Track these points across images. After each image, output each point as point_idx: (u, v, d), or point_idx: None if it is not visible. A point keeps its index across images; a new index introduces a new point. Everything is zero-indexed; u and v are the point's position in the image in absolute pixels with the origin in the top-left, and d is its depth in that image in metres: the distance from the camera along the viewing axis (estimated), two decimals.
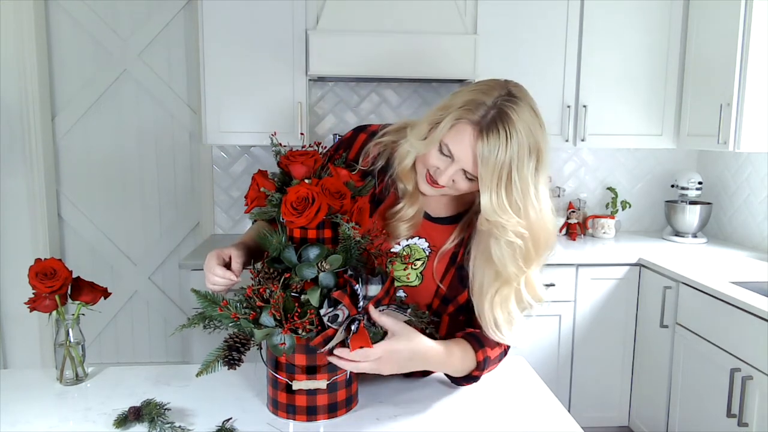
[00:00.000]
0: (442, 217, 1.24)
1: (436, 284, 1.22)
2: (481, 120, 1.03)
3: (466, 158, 1.06)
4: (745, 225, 2.93)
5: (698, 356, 2.30)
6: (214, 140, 2.78)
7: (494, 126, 1.02)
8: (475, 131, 1.03)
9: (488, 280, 1.14)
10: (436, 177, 1.11)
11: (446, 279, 1.22)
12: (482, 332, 1.19)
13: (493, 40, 2.78)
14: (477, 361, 1.17)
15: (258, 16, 2.68)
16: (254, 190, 1.11)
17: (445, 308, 1.24)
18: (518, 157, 1.02)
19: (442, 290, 1.23)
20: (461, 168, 1.08)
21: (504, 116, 1.03)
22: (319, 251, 1.04)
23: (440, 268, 1.23)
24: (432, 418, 1.14)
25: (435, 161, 1.10)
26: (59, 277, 1.18)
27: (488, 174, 1.03)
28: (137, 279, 3.22)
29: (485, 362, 1.18)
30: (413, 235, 1.22)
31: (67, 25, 3.00)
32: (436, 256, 1.22)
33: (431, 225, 1.23)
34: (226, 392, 1.21)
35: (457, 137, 1.06)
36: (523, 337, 1.18)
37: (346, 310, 1.01)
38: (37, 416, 1.12)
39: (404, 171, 1.16)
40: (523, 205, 1.06)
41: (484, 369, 1.19)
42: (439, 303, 1.24)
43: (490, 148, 1.02)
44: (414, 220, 1.20)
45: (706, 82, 2.74)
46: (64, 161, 3.10)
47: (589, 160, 3.27)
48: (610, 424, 2.81)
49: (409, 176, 1.17)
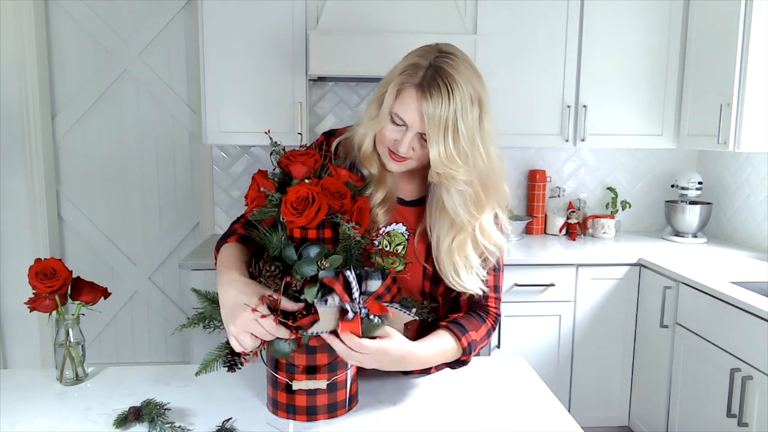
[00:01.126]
0: (414, 200, 1.28)
1: (422, 265, 1.26)
2: (422, 81, 1.09)
3: (415, 120, 1.10)
4: (745, 225, 2.93)
5: (698, 356, 2.30)
6: (214, 140, 2.78)
7: (435, 83, 1.08)
8: (418, 92, 1.09)
9: (444, 231, 1.19)
10: (396, 149, 1.15)
11: (430, 259, 1.25)
12: (465, 316, 1.24)
13: (493, 40, 2.78)
14: (461, 347, 1.20)
15: (258, 16, 2.68)
16: (254, 190, 1.11)
17: (437, 289, 1.26)
18: (461, 108, 1.08)
19: (429, 270, 1.25)
20: (416, 133, 1.12)
21: (442, 72, 1.08)
22: (319, 249, 1.04)
23: (422, 249, 1.26)
24: (432, 417, 1.14)
25: (391, 134, 1.15)
26: (59, 277, 1.18)
27: (435, 128, 1.08)
28: (137, 279, 3.22)
29: (470, 347, 1.21)
30: (390, 221, 1.25)
31: (67, 25, 3.00)
32: (415, 237, 1.26)
33: (405, 209, 1.27)
34: (226, 392, 1.21)
35: (403, 103, 1.11)
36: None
37: (337, 297, 1.00)
38: (37, 416, 1.12)
39: (366, 155, 1.21)
40: (470, 154, 1.11)
41: (471, 353, 1.22)
42: (430, 285, 1.26)
43: (434, 104, 1.07)
44: (387, 204, 1.22)
45: (706, 82, 2.74)
46: (64, 161, 3.10)
47: (589, 160, 3.27)
48: (610, 424, 2.81)
49: (371, 159, 1.21)
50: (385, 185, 1.22)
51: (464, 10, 2.77)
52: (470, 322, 1.23)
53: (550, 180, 3.23)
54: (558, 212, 3.20)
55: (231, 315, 1.02)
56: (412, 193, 1.28)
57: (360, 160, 1.22)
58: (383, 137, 1.16)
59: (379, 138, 1.18)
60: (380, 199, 1.21)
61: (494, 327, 1.28)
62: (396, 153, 1.15)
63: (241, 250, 1.17)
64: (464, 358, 1.22)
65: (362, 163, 1.22)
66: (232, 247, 1.18)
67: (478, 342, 1.23)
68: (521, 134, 2.89)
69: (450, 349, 1.18)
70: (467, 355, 1.21)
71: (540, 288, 2.67)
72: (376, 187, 1.21)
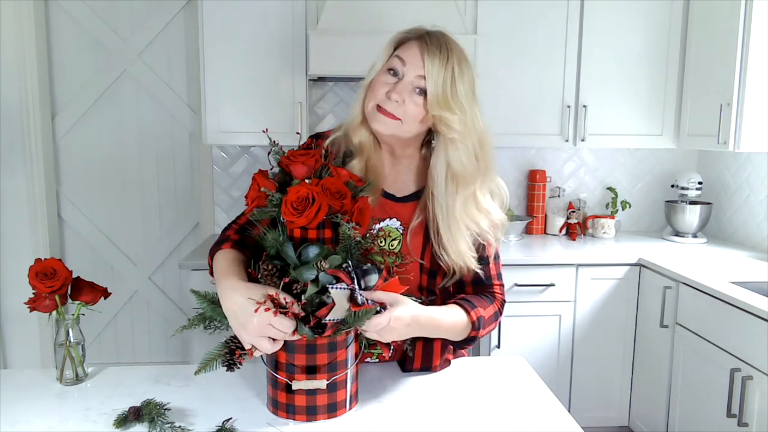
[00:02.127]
0: (406, 196, 1.29)
1: (417, 261, 1.27)
2: (422, 36, 1.18)
3: (416, 62, 1.16)
4: (745, 225, 2.93)
5: (698, 356, 2.30)
6: (214, 140, 2.78)
7: (434, 39, 1.17)
8: (419, 42, 1.17)
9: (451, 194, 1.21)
10: (388, 98, 1.16)
11: (426, 253, 1.26)
12: (473, 295, 1.27)
13: (493, 40, 2.78)
14: (471, 321, 1.21)
15: (258, 16, 2.69)
16: (255, 190, 1.11)
17: (434, 282, 1.27)
18: (458, 66, 1.16)
19: (426, 265, 1.27)
20: (413, 77, 1.16)
21: (439, 35, 1.19)
22: (318, 250, 1.04)
23: (417, 243, 1.27)
24: (432, 417, 1.14)
25: (384, 87, 1.18)
26: (59, 277, 1.18)
27: (434, 71, 1.14)
28: (137, 279, 3.22)
29: (479, 322, 1.22)
30: (384, 217, 1.27)
31: (67, 25, 3.00)
32: (409, 232, 1.27)
33: (398, 205, 1.29)
34: (226, 392, 1.21)
35: (405, 48, 1.18)
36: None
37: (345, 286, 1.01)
38: (37, 416, 1.12)
39: (354, 124, 1.24)
40: (467, 108, 1.16)
41: (480, 329, 1.23)
42: (427, 278, 1.27)
43: (434, 51, 1.15)
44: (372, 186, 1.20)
45: (706, 82, 2.74)
46: (64, 161, 3.10)
47: (589, 160, 3.27)
48: (610, 424, 2.81)
49: (359, 129, 1.23)
50: (363, 155, 1.24)
51: (464, 10, 2.77)
52: (478, 300, 1.26)
53: (550, 180, 3.23)
54: (558, 212, 3.20)
55: (241, 324, 1.00)
56: (402, 189, 1.30)
57: (347, 130, 1.24)
58: (374, 93, 1.18)
59: (370, 96, 1.20)
60: (360, 167, 1.22)
61: (500, 311, 1.31)
62: (386, 109, 1.17)
63: (236, 256, 1.16)
64: (473, 334, 1.23)
65: (349, 133, 1.24)
66: (227, 253, 1.16)
67: (486, 320, 1.24)
68: (521, 134, 2.89)
69: (461, 321, 1.20)
70: (476, 330, 1.22)
71: (540, 288, 2.67)
72: (360, 156, 1.23)
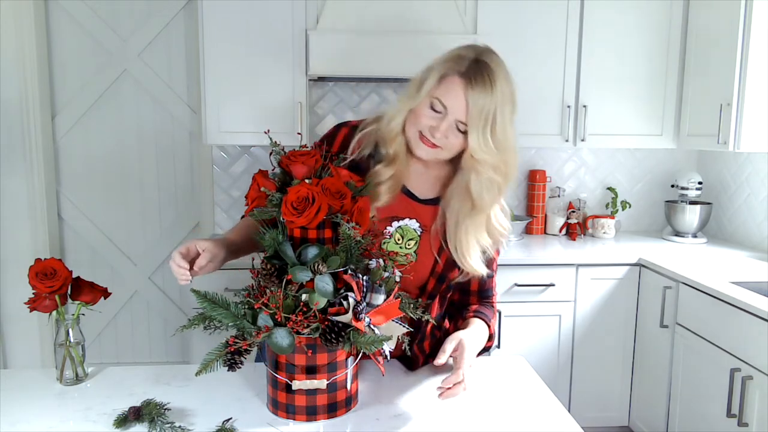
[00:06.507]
0: (429, 198, 1.31)
1: (431, 263, 1.29)
2: (467, 71, 1.16)
3: (458, 107, 1.16)
4: (745, 225, 2.93)
5: (698, 356, 2.30)
6: (214, 140, 2.78)
7: (479, 75, 1.16)
8: (463, 81, 1.16)
9: (464, 212, 1.25)
10: (431, 135, 1.19)
11: (442, 257, 1.29)
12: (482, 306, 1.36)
13: (493, 40, 2.70)
14: (490, 333, 1.34)
15: (258, 16, 2.68)
16: (255, 189, 1.11)
17: (439, 287, 1.31)
18: (501, 101, 1.17)
19: (438, 267, 1.29)
20: (454, 120, 1.17)
21: (486, 67, 1.17)
22: (317, 251, 1.04)
23: (435, 246, 1.30)
24: (432, 417, 1.14)
25: (428, 120, 1.19)
26: (59, 277, 1.18)
27: (476, 117, 1.15)
28: (137, 279, 3.22)
29: (492, 335, 1.34)
30: (404, 216, 1.29)
31: (67, 25, 2.99)
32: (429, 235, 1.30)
33: (420, 206, 1.30)
34: (226, 392, 1.21)
35: (448, 89, 1.17)
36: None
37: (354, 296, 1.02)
38: (37, 416, 1.12)
39: (392, 134, 1.24)
40: (503, 144, 1.20)
41: (493, 339, 1.35)
42: (435, 283, 1.30)
43: (478, 94, 1.15)
44: (392, 185, 1.25)
45: (706, 82, 2.74)
46: (64, 161, 3.10)
47: (589, 160, 3.27)
48: (610, 424, 2.81)
49: (394, 141, 1.24)
50: (394, 165, 1.25)
51: (464, 10, 2.77)
52: (489, 312, 1.36)
53: (550, 180, 3.23)
54: (558, 212, 3.19)
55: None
56: (426, 191, 1.31)
57: (382, 136, 1.25)
58: (418, 121, 1.19)
59: (412, 120, 1.21)
60: (388, 175, 1.24)
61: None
62: (428, 139, 1.19)
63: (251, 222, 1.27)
64: (489, 344, 1.34)
65: (384, 140, 1.25)
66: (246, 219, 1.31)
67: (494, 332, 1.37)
68: (521, 134, 2.82)
69: (485, 335, 1.32)
70: (491, 341, 1.34)
71: (540, 288, 2.67)
72: (389, 165, 1.25)
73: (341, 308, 1.02)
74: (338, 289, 1.04)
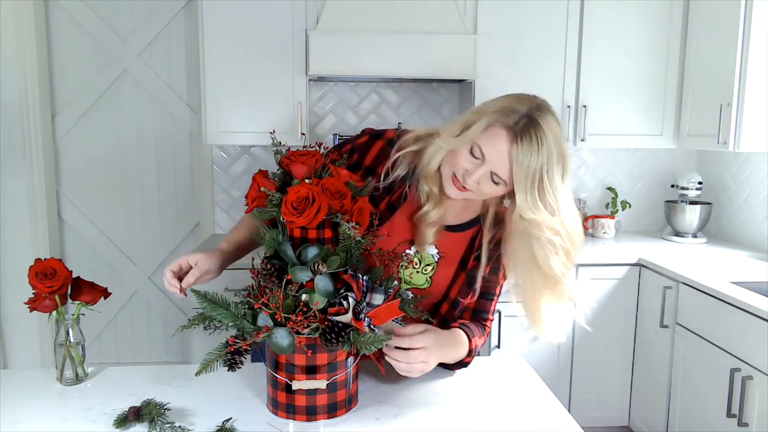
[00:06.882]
0: (450, 225, 1.28)
1: (445, 289, 1.29)
2: (514, 125, 1.09)
3: (498, 161, 1.10)
4: (745, 225, 2.93)
5: (698, 356, 2.30)
6: (214, 140, 2.78)
7: (527, 132, 1.08)
8: (509, 135, 1.09)
9: (539, 283, 1.19)
10: (463, 179, 1.15)
11: (456, 283, 1.28)
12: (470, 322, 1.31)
13: (493, 40, 2.78)
14: (470, 349, 1.26)
15: (258, 16, 2.68)
16: (255, 189, 1.11)
17: (453, 312, 1.30)
18: (548, 163, 1.09)
19: (452, 295, 1.29)
20: (490, 170, 1.12)
21: (536, 125, 1.09)
22: (317, 251, 1.04)
23: (450, 273, 1.28)
24: (432, 417, 1.14)
25: (464, 163, 1.14)
26: (59, 277, 1.18)
27: (522, 176, 1.09)
28: (137, 279, 3.22)
29: (475, 350, 1.28)
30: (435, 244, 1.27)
31: (67, 25, 3.00)
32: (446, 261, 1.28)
33: (449, 233, 1.28)
34: (226, 392, 1.21)
35: (491, 140, 1.10)
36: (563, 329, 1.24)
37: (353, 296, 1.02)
38: (37, 416, 1.12)
39: (430, 172, 1.20)
40: (556, 206, 1.12)
41: (472, 356, 1.29)
42: (448, 307, 1.30)
43: (524, 153, 1.08)
44: (438, 224, 1.23)
45: (706, 82, 2.74)
46: (64, 161, 3.10)
47: (589, 160, 3.27)
48: (610, 424, 2.81)
49: (434, 178, 1.20)
50: (442, 205, 1.23)
51: (464, 10, 2.77)
52: (477, 329, 1.30)
53: None
54: None
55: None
56: (457, 219, 1.29)
57: (423, 174, 1.21)
58: (455, 161, 1.15)
59: (449, 160, 1.17)
60: (435, 218, 1.22)
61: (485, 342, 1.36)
62: (460, 181, 1.15)
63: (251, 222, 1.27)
64: (468, 360, 1.28)
65: (424, 178, 1.22)
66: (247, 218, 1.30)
67: (478, 349, 1.30)
68: None
69: (464, 346, 1.25)
70: (470, 357, 1.28)
71: None
72: (436, 206, 1.22)
73: (341, 308, 1.02)
74: (338, 289, 1.04)
